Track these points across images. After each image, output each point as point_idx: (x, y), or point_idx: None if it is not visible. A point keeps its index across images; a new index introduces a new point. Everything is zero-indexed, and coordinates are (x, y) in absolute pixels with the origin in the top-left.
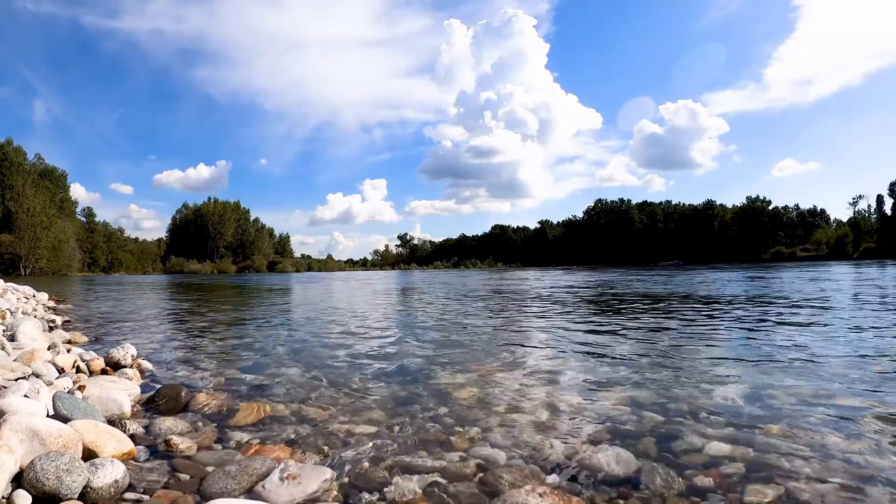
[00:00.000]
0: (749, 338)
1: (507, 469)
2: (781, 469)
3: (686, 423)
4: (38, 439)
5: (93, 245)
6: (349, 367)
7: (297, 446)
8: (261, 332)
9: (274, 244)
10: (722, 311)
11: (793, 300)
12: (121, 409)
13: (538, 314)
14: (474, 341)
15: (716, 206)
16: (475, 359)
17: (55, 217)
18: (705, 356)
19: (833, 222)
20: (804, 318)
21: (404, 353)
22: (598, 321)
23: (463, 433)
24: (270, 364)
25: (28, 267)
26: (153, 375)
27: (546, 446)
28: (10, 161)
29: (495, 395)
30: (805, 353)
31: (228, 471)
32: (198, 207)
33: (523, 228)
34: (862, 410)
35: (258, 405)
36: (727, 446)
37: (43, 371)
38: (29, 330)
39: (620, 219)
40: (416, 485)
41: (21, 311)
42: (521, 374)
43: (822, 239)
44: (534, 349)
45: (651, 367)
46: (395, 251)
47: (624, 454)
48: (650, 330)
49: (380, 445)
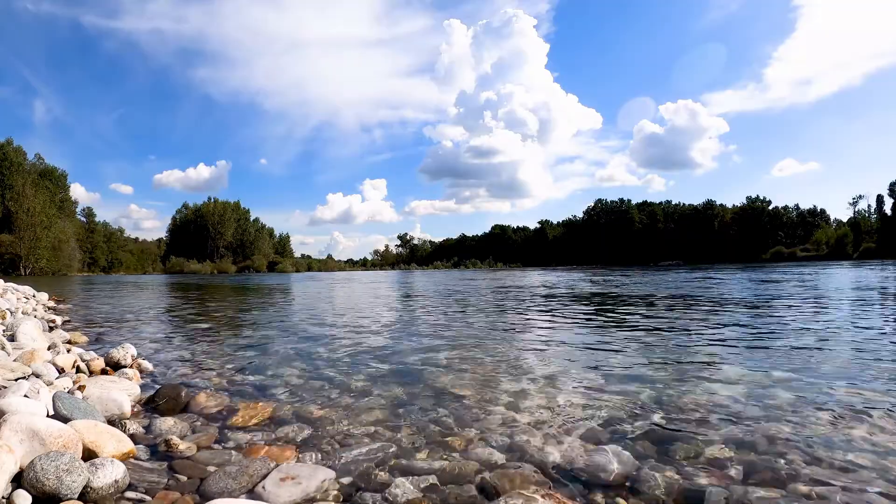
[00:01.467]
0: (749, 337)
1: (507, 470)
2: (782, 469)
3: (686, 423)
4: (38, 439)
5: (93, 245)
6: (349, 368)
7: (298, 447)
8: (261, 333)
9: (274, 244)
10: (722, 310)
11: (793, 300)
12: (121, 409)
13: (538, 314)
14: (474, 341)
15: (716, 206)
16: (475, 359)
17: (55, 217)
18: (705, 356)
19: (833, 222)
20: (804, 318)
21: (404, 354)
22: (597, 321)
23: (463, 434)
24: (270, 364)
25: (28, 267)
26: (153, 375)
27: (546, 447)
28: (10, 161)
29: (495, 395)
30: (805, 352)
31: (228, 471)
32: (198, 207)
33: (523, 228)
34: (863, 410)
35: (258, 405)
36: (727, 446)
37: (43, 371)
38: (29, 330)
39: (620, 219)
40: (417, 485)
41: (21, 311)
42: (520, 375)
43: (822, 239)
44: (534, 349)
45: (651, 367)
46: (395, 251)
47: (624, 454)
48: (650, 330)
49: (380, 446)
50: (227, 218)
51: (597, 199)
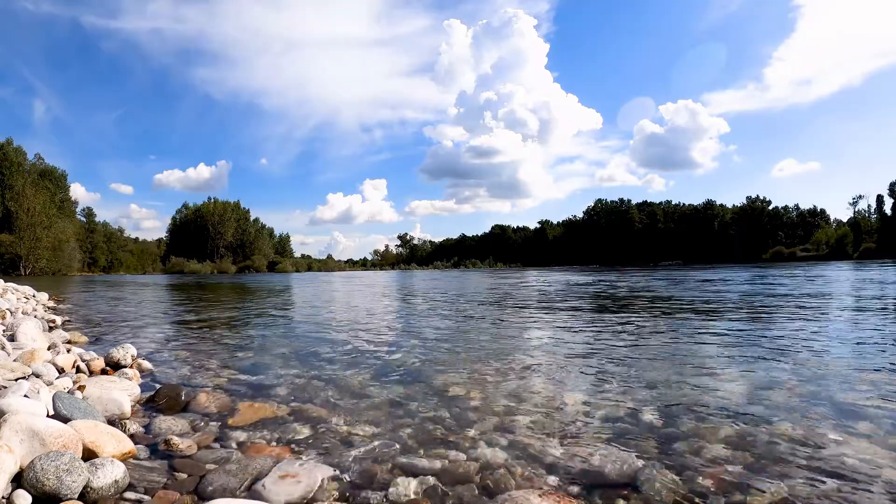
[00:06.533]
0: (749, 337)
1: (507, 469)
2: (782, 469)
3: (686, 423)
4: (38, 439)
5: (93, 245)
6: (349, 367)
7: (297, 446)
8: (260, 332)
9: (274, 244)
10: (722, 310)
11: (793, 300)
12: (121, 408)
13: (538, 314)
14: (474, 341)
15: (716, 206)
16: (475, 359)
17: (55, 217)
18: (705, 356)
19: (833, 222)
20: (804, 318)
21: (404, 354)
22: (598, 321)
23: (463, 433)
24: (270, 364)
25: (28, 267)
26: (153, 375)
27: (546, 447)
28: (10, 161)
29: (495, 395)
30: (806, 352)
31: (228, 470)
32: (198, 207)
33: (523, 228)
34: (863, 410)
35: (258, 405)
36: (728, 446)
37: (43, 371)
38: (29, 330)
39: (620, 219)
40: (417, 485)
41: (21, 311)
42: (521, 375)
43: (822, 239)
44: (534, 349)
45: (651, 367)
46: (395, 251)
47: (624, 454)
48: (650, 330)
49: (380, 445)
50: (227, 218)
51: (597, 199)
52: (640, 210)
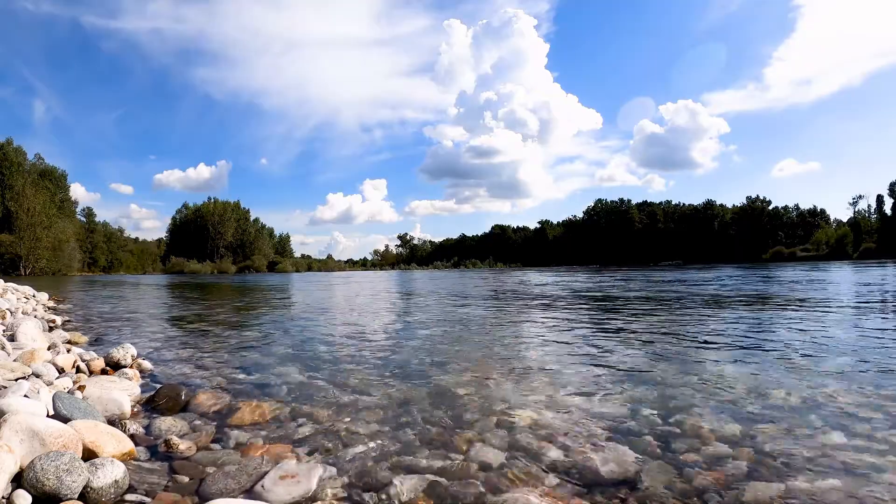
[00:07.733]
0: (749, 337)
1: (507, 469)
2: (782, 469)
3: (686, 422)
4: (38, 439)
5: (93, 245)
6: (349, 367)
7: (297, 445)
8: (260, 332)
9: (274, 244)
10: (722, 310)
11: (793, 300)
12: (121, 409)
13: (538, 314)
14: (474, 341)
15: (716, 206)
16: (475, 359)
17: (55, 217)
18: (705, 355)
19: (833, 222)
20: (804, 318)
21: (404, 353)
22: (598, 321)
23: (463, 433)
24: (270, 363)
25: (28, 267)
26: (153, 375)
27: (546, 446)
28: (10, 161)
29: (495, 395)
30: (806, 352)
31: (228, 471)
32: (198, 207)
33: (523, 228)
34: (863, 409)
35: (258, 405)
36: (728, 446)
37: (43, 371)
38: (29, 330)
39: (620, 219)
40: (417, 484)
41: (21, 311)
42: (520, 375)
43: (822, 239)
44: (534, 349)
45: (651, 367)
46: (395, 251)
47: (624, 454)
48: (650, 330)
49: (380, 445)
50: (227, 218)
51: (597, 199)
52: (640, 210)
